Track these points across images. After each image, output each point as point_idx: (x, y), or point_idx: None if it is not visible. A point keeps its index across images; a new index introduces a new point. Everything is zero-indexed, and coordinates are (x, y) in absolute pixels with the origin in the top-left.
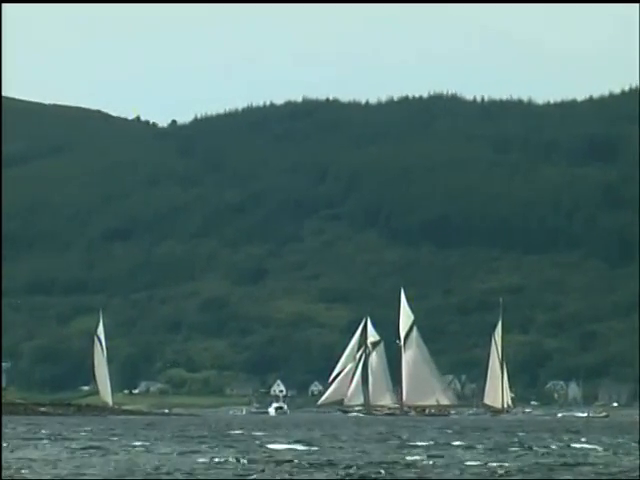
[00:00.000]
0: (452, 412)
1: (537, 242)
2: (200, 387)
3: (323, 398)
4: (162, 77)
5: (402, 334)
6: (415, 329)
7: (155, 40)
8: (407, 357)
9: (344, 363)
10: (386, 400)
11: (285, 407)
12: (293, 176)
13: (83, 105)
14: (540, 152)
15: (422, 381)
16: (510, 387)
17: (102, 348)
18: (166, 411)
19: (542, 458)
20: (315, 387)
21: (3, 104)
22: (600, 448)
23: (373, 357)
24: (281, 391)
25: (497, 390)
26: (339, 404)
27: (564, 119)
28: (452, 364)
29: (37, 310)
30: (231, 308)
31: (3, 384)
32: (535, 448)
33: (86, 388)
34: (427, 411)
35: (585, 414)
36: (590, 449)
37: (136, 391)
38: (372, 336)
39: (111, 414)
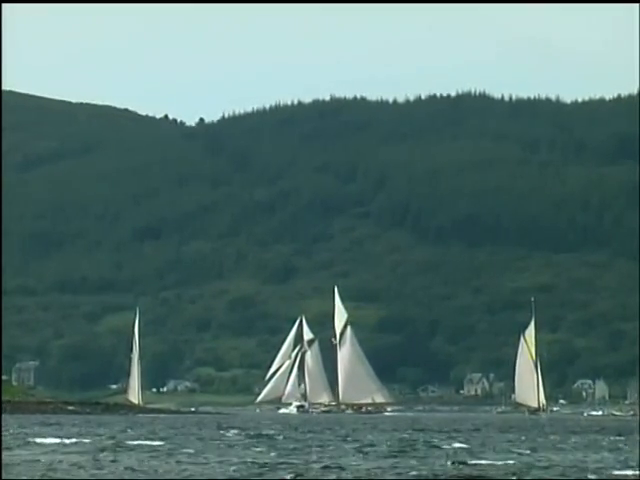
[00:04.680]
0: (388, 410)
1: (566, 241)
2: (228, 386)
3: (260, 396)
4: (190, 76)
5: (337, 333)
6: (349, 328)
7: (182, 39)
8: (342, 356)
9: (280, 361)
10: (323, 398)
11: (307, 405)
12: (321, 175)
13: (111, 104)
14: (569, 151)
15: (358, 379)
16: (544, 386)
17: (136, 346)
18: (193, 409)
19: None
20: None
21: (31, 103)
22: None
23: (309, 355)
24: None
25: (529, 389)
26: (277, 402)
27: (592, 118)
28: (481, 362)
29: (66, 309)
30: (260, 307)
31: (31, 383)
32: None
33: (114, 387)
34: (364, 409)
35: (600, 412)
36: None
37: (164, 389)
38: (307, 334)
39: (140, 412)
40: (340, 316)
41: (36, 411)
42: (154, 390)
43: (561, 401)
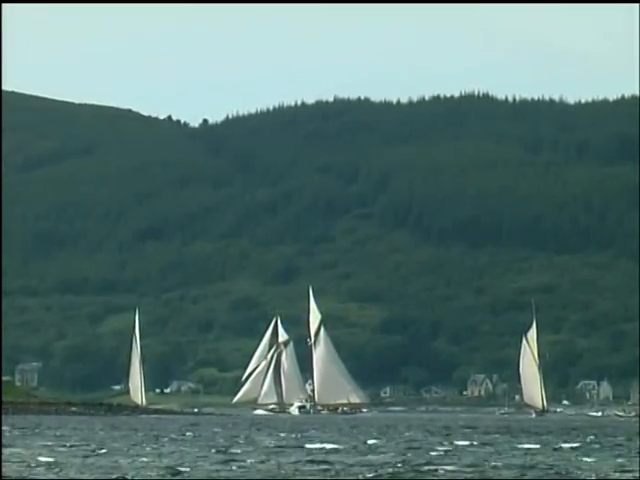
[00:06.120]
0: (364, 410)
1: (568, 242)
2: (231, 387)
3: (237, 397)
4: (193, 76)
5: (312, 333)
6: (323, 329)
7: (186, 40)
8: (317, 356)
9: (256, 362)
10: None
11: (308, 406)
12: (324, 176)
13: (114, 104)
14: (571, 152)
15: (333, 380)
16: (545, 387)
17: (137, 347)
18: (195, 410)
19: None
20: None
21: (33, 104)
22: None
23: (284, 356)
24: (312, 390)
25: (535, 390)
26: (253, 403)
27: (595, 119)
28: (484, 363)
29: (68, 310)
30: (262, 308)
31: (34, 384)
32: None
33: (117, 387)
34: (340, 409)
35: (599, 413)
36: None
37: (167, 390)
38: (282, 336)
39: (143, 413)
40: (314, 317)
41: (39, 412)
42: (157, 391)
43: (564, 402)
